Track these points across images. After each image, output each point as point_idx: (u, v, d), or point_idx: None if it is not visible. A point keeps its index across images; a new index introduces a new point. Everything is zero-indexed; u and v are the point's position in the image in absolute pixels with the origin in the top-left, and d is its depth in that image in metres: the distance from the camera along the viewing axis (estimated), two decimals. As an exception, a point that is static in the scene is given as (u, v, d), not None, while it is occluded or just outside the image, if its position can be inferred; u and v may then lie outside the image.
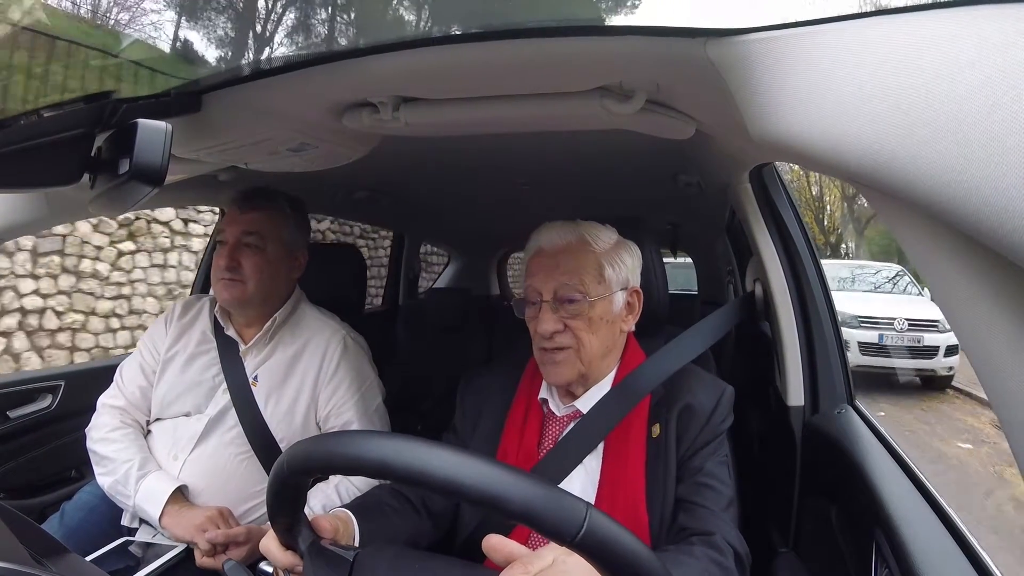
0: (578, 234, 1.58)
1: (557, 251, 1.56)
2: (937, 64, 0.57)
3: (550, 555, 0.94)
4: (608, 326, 1.58)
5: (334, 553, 1.09)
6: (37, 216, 1.73)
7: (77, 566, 1.10)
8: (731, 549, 1.37)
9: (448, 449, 0.82)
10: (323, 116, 1.38)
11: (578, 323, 1.53)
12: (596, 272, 1.55)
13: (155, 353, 2.15)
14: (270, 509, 1.05)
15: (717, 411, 1.56)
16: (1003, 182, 0.51)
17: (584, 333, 1.53)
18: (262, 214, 2.07)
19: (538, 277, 1.55)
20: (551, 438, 1.62)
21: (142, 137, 1.00)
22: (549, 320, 1.52)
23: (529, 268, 1.60)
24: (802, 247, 2.05)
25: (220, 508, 1.89)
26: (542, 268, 1.56)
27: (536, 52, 1.02)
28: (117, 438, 2.01)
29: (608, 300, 1.56)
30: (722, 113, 1.02)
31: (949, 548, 1.21)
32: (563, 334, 1.53)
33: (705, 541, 1.36)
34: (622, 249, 1.62)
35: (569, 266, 1.53)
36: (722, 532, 1.39)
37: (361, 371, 2.16)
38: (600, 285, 1.54)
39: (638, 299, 1.65)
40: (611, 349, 1.62)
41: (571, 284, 1.52)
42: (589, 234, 1.58)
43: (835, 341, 1.99)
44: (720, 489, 1.47)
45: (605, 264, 1.56)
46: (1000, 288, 0.60)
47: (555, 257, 1.55)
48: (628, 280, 1.61)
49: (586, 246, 1.56)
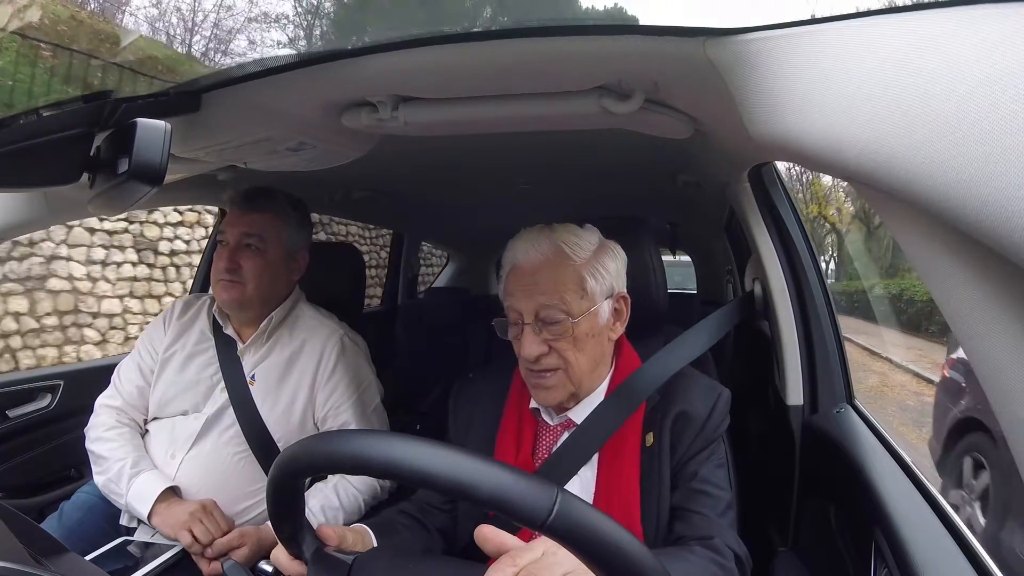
0: (555, 246, 1.49)
1: (535, 268, 1.48)
2: (936, 64, 0.57)
3: (540, 547, 0.94)
4: (595, 340, 1.51)
5: (334, 557, 1.10)
6: (36, 215, 1.73)
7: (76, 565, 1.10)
8: (731, 552, 1.36)
9: (418, 441, 0.81)
10: (322, 115, 1.38)
11: (563, 344, 1.46)
12: (577, 287, 1.47)
13: (153, 353, 2.15)
14: (272, 516, 1.05)
15: (712, 417, 1.52)
16: (1002, 181, 0.51)
17: (570, 353, 1.47)
18: (264, 216, 2.06)
19: (516, 297, 1.49)
20: (545, 448, 1.58)
21: (141, 136, 1.00)
22: (533, 343, 1.46)
23: (507, 286, 1.53)
24: (801, 246, 2.05)
25: (203, 502, 1.88)
26: (520, 287, 1.49)
27: (535, 51, 1.02)
28: (112, 437, 2.01)
29: (593, 314, 1.49)
30: (721, 112, 1.02)
31: (948, 547, 1.21)
32: (549, 356, 1.47)
33: (705, 544, 1.35)
34: (604, 255, 1.54)
35: (548, 284, 1.46)
36: (721, 536, 1.37)
37: (359, 371, 2.16)
38: (583, 300, 1.47)
39: (625, 305, 1.59)
40: (600, 361, 1.57)
41: (552, 304, 1.45)
42: (567, 244, 1.50)
43: (834, 340, 1.98)
44: (716, 494, 1.45)
45: (587, 276, 1.48)
46: (999, 287, 0.60)
47: (533, 275, 1.48)
48: (613, 287, 1.54)
49: (564, 259, 1.48)
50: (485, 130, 1.46)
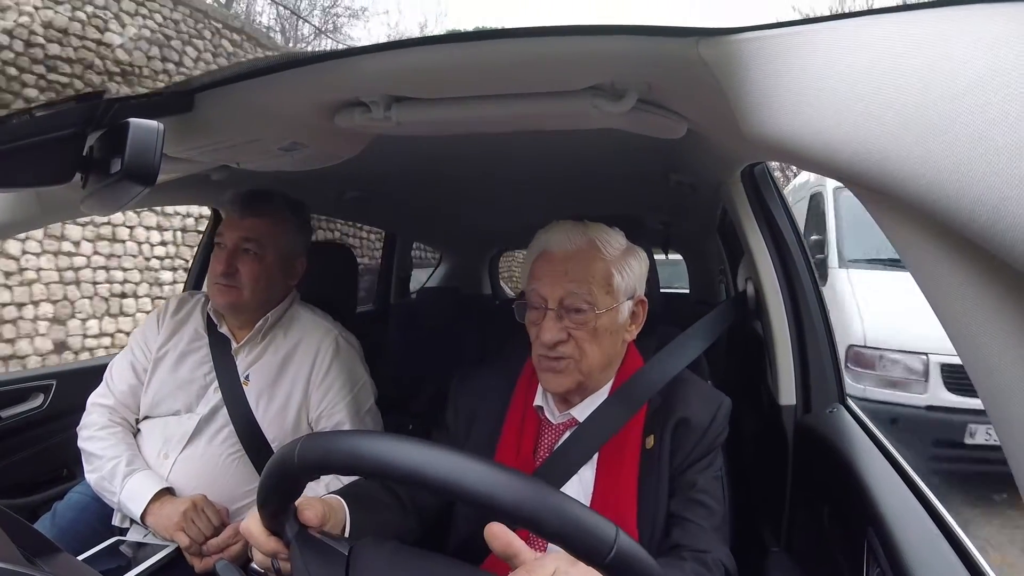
0: (588, 238, 1.51)
1: (567, 256, 1.49)
2: (929, 63, 0.57)
3: (552, 565, 0.94)
4: (611, 337, 1.52)
5: (328, 545, 1.06)
6: (28, 215, 1.72)
7: (69, 565, 1.10)
8: (722, 568, 1.37)
9: (487, 465, 0.82)
10: (315, 116, 1.38)
11: (582, 333, 1.47)
12: (605, 281, 1.48)
13: (146, 351, 2.14)
14: (263, 493, 1.03)
15: (713, 425, 1.52)
16: (994, 180, 0.51)
17: (587, 344, 1.48)
18: (263, 220, 2.04)
19: (544, 282, 1.49)
20: (546, 446, 1.58)
21: (134, 136, 1.00)
22: (553, 329, 1.46)
23: (533, 271, 1.54)
24: (794, 246, 2.05)
25: (194, 499, 1.87)
26: (549, 273, 1.49)
27: (527, 52, 1.02)
28: (105, 436, 2.00)
29: (615, 311, 1.50)
30: (714, 112, 1.03)
31: (941, 547, 1.21)
32: (566, 344, 1.47)
33: (697, 559, 1.36)
34: (631, 256, 1.56)
35: (578, 273, 1.47)
36: (715, 551, 1.38)
37: (353, 372, 2.15)
38: (608, 296, 1.48)
39: (643, 309, 1.60)
40: (612, 360, 1.58)
41: (579, 293, 1.46)
42: (600, 239, 1.51)
43: (827, 340, 1.99)
44: (712, 506, 1.46)
45: (615, 272, 1.50)
46: (992, 287, 0.60)
47: (564, 263, 1.49)
48: (635, 289, 1.56)
49: (596, 252, 1.50)
50: (478, 130, 1.46)
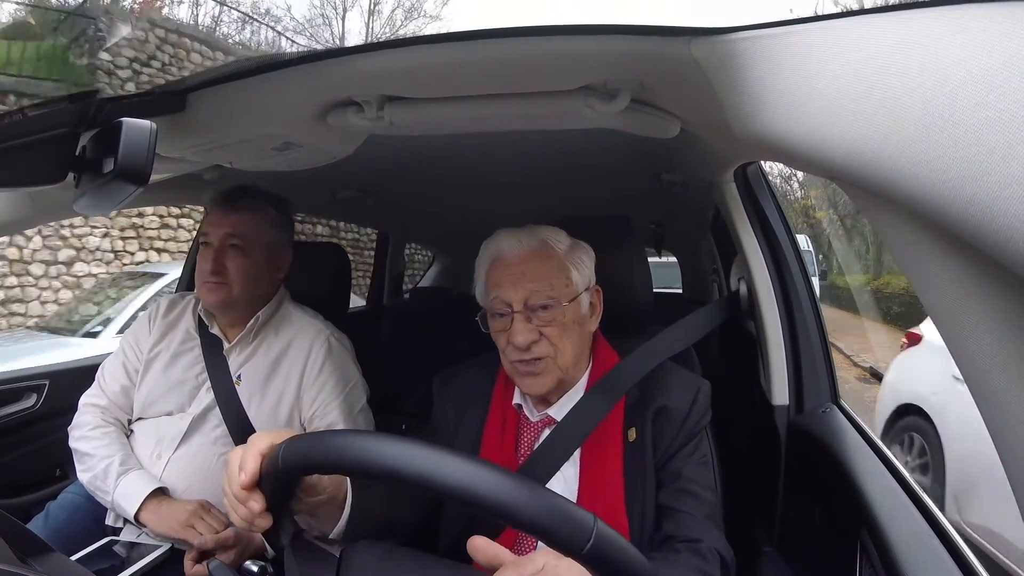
0: (539, 238, 1.54)
1: (522, 258, 1.51)
2: (922, 63, 0.58)
3: (541, 559, 0.95)
4: (580, 328, 1.54)
5: (320, 549, 1.07)
6: (21, 215, 1.72)
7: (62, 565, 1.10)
8: (717, 556, 1.37)
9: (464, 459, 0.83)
10: (308, 115, 1.38)
11: (552, 330, 1.48)
12: (563, 275, 1.51)
13: (138, 352, 2.14)
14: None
15: (693, 410, 1.53)
16: (988, 180, 0.52)
17: (560, 340, 1.49)
18: (247, 216, 2.04)
19: (505, 287, 1.50)
20: (527, 445, 1.59)
21: (127, 136, 1.00)
22: (524, 330, 1.46)
23: (491, 279, 1.55)
24: (787, 246, 2.06)
25: (200, 502, 1.88)
26: (508, 277, 1.51)
27: (520, 51, 1.02)
28: (98, 435, 2.00)
29: (578, 303, 1.53)
30: (707, 112, 1.03)
31: (934, 548, 1.21)
32: (539, 343, 1.48)
33: (691, 548, 1.36)
34: (579, 250, 1.59)
35: (537, 273, 1.49)
36: (708, 538, 1.38)
37: (345, 372, 2.15)
38: (568, 288, 1.51)
39: (598, 298, 1.63)
40: (583, 352, 1.60)
41: (542, 291, 1.47)
42: (549, 238, 1.54)
43: (820, 340, 1.99)
44: (702, 494, 1.46)
45: (569, 266, 1.53)
46: (985, 287, 0.60)
47: (521, 264, 1.51)
48: (589, 280, 1.59)
49: (549, 250, 1.53)
50: (471, 129, 1.46)
